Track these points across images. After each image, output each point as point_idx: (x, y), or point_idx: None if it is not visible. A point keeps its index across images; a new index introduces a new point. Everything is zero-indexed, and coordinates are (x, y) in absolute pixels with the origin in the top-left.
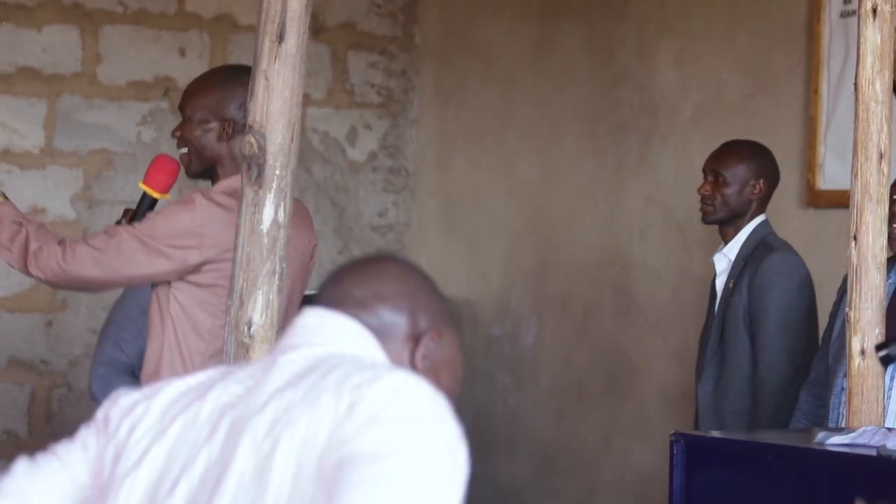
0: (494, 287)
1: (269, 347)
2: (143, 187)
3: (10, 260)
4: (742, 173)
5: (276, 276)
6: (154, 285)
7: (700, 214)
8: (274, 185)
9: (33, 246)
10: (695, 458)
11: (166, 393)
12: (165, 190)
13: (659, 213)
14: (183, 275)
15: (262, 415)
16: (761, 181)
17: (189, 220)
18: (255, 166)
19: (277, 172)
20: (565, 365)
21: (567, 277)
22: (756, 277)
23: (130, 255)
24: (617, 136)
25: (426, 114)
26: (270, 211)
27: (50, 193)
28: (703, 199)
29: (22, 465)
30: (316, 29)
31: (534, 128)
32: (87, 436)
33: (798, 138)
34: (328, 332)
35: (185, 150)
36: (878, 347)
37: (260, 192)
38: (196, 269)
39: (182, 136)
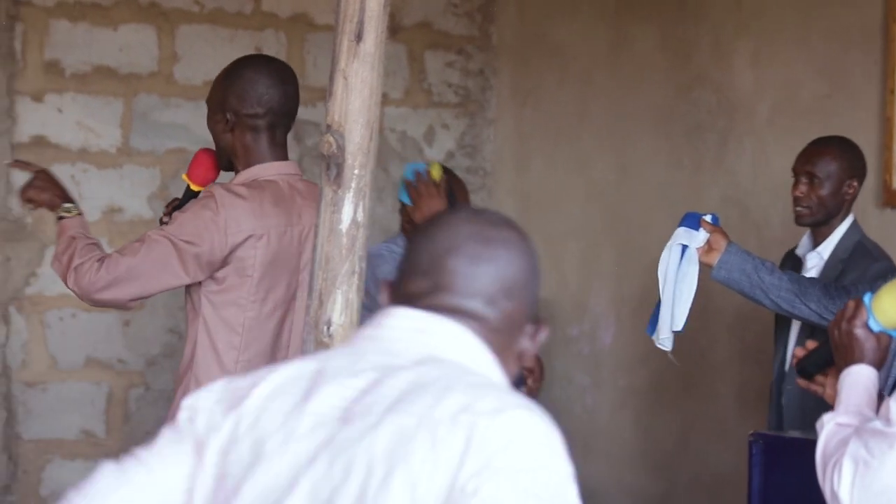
0: (572, 287)
1: None
2: (186, 179)
3: (58, 271)
4: (837, 173)
5: (356, 275)
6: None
7: (793, 216)
8: (353, 185)
9: (76, 261)
10: (773, 458)
11: (262, 390)
12: (205, 183)
13: (735, 213)
14: (213, 270)
15: (375, 436)
16: (855, 181)
17: (211, 216)
18: (333, 166)
19: (356, 172)
20: (642, 365)
21: (644, 277)
22: (863, 282)
23: (164, 261)
24: (693, 137)
25: (503, 113)
26: (349, 210)
27: (126, 193)
28: (798, 201)
29: (106, 470)
30: (393, 28)
31: (610, 128)
32: (174, 438)
33: (874, 139)
34: (437, 340)
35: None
36: (796, 363)
37: (339, 191)
38: (224, 262)
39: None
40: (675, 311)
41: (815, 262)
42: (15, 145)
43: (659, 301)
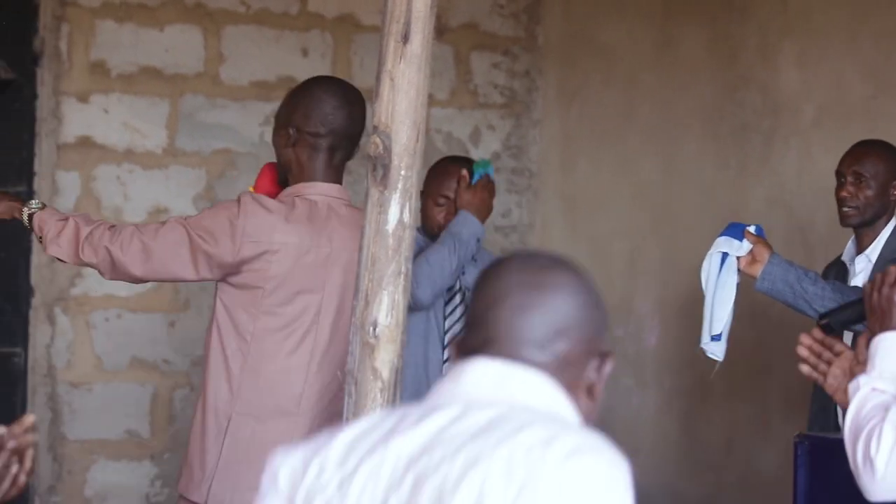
0: (617, 288)
1: (394, 348)
2: (251, 192)
3: (60, 254)
4: (884, 174)
5: (402, 276)
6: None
7: (839, 217)
8: (399, 186)
9: (84, 231)
10: (819, 459)
11: (345, 437)
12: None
13: (781, 214)
14: (224, 273)
15: (452, 463)
16: None
17: (230, 220)
18: (380, 166)
19: (403, 173)
20: (688, 366)
21: (690, 278)
22: None
23: (175, 249)
24: (739, 138)
25: (549, 114)
26: (396, 211)
27: (172, 193)
28: (844, 202)
29: None
30: (439, 29)
31: (656, 129)
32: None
33: None
34: (508, 388)
35: None
36: (822, 316)
37: (385, 192)
38: (235, 268)
39: None
40: (714, 317)
41: (863, 266)
42: (61, 146)
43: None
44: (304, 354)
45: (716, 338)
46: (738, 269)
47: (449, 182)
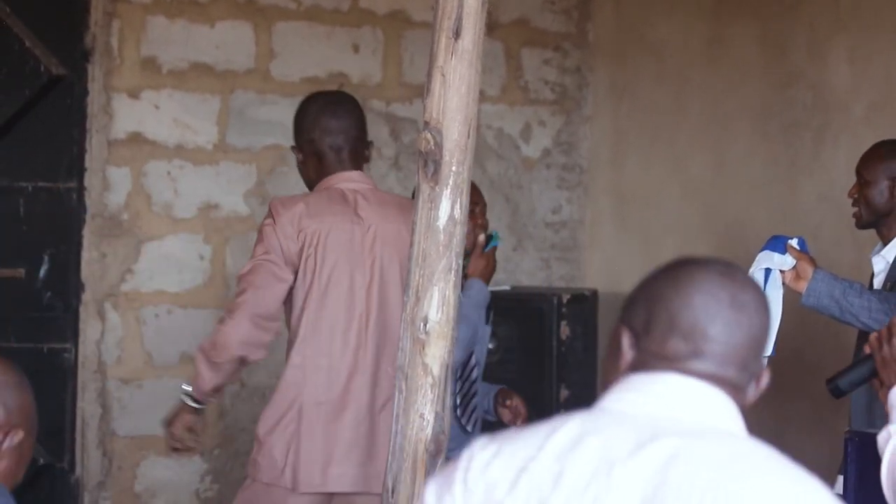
0: None
1: (444, 344)
2: None
3: (202, 379)
4: (881, 172)
5: (452, 272)
6: None
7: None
8: (450, 182)
9: (207, 343)
10: (869, 456)
11: (517, 447)
12: None
13: (831, 211)
14: (295, 271)
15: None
16: None
17: (268, 227)
18: (431, 163)
19: (454, 169)
20: None
21: None
22: None
23: (264, 280)
24: (789, 135)
25: (600, 111)
26: (447, 207)
27: (223, 189)
28: (853, 204)
29: None
30: (490, 25)
31: (706, 125)
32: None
33: None
34: (708, 410)
35: None
36: (829, 381)
37: (436, 188)
38: (295, 265)
39: None
40: None
41: (881, 266)
42: (111, 142)
43: None
44: (354, 328)
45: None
46: (783, 283)
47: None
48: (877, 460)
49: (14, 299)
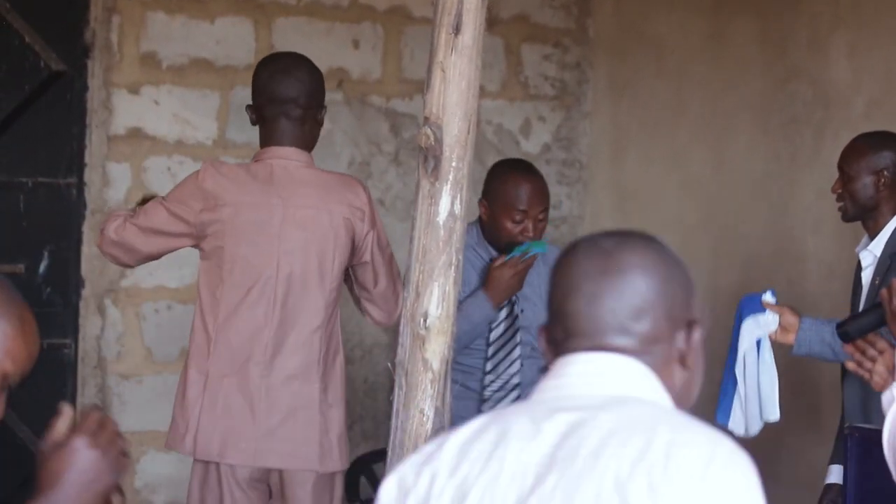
0: None
1: (444, 340)
2: None
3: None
4: (863, 167)
5: (453, 267)
6: None
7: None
8: (450, 177)
9: (105, 225)
10: (869, 451)
11: (455, 442)
12: None
13: (831, 207)
14: (198, 237)
15: (584, 483)
16: (885, 172)
17: (194, 183)
18: (431, 158)
19: (454, 164)
20: None
21: (740, 271)
22: None
23: (155, 217)
24: (789, 130)
25: (600, 107)
26: (447, 203)
27: None
28: (837, 199)
29: None
30: (490, 21)
31: (706, 121)
32: None
33: None
34: (605, 382)
35: None
36: (839, 325)
37: (436, 183)
38: (203, 231)
39: None
40: (765, 404)
41: (868, 261)
42: (111, 137)
43: (727, 387)
44: (264, 308)
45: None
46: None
47: (531, 198)
48: (878, 455)
49: None
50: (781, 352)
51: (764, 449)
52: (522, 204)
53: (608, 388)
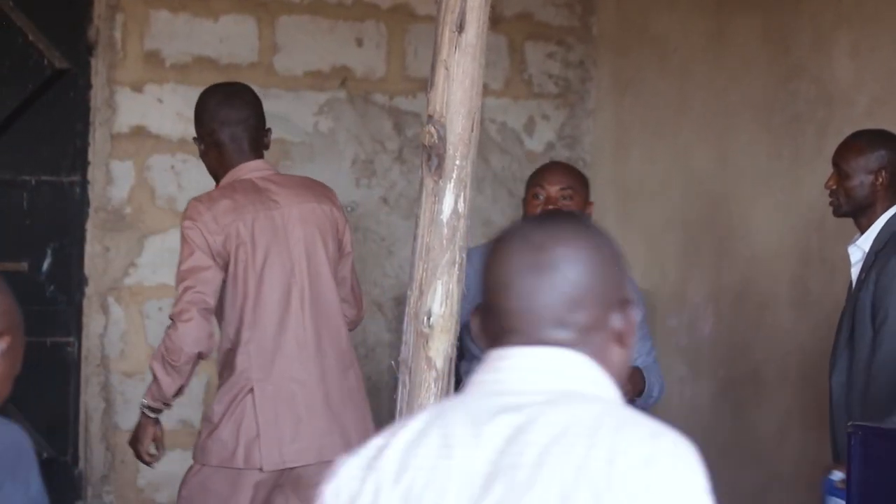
0: (671, 278)
1: (448, 338)
2: None
3: (164, 385)
4: (861, 166)
5: (456, 265)
6: None
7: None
8: (454, 175)
9: (161, 353)
10: (873, 448)
11: (396, 446)
12: None
13: None
14: (225, 264)
15: (531, 492)
16: (883, 172)
17: (189, 233)
18: (434, 156)
19: (457, 162)
20: (742, 356)
21: (743, 269)
22: (882, 275)
23: (201, 276)
24: (792, 128)
25: (603, 105)
26: (450, 201)
27: None
28: (830, 194)
29: None
30: (493, 19)
31: (710, 119)
32: None
33: None
34: (546, 377)
35: None
36: None
37: (440, 181)
38: (225, 259)
39: None
40: None
41: (857, 257)
42: (115, 135)
43: None
44: (295, 307)
45: None
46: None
47: (550, 174)
48: (881, 453)
49: (17, 293)
50: (782, 351)
51: (766, 446)
52: (541, 180)
53: (549, 383)
